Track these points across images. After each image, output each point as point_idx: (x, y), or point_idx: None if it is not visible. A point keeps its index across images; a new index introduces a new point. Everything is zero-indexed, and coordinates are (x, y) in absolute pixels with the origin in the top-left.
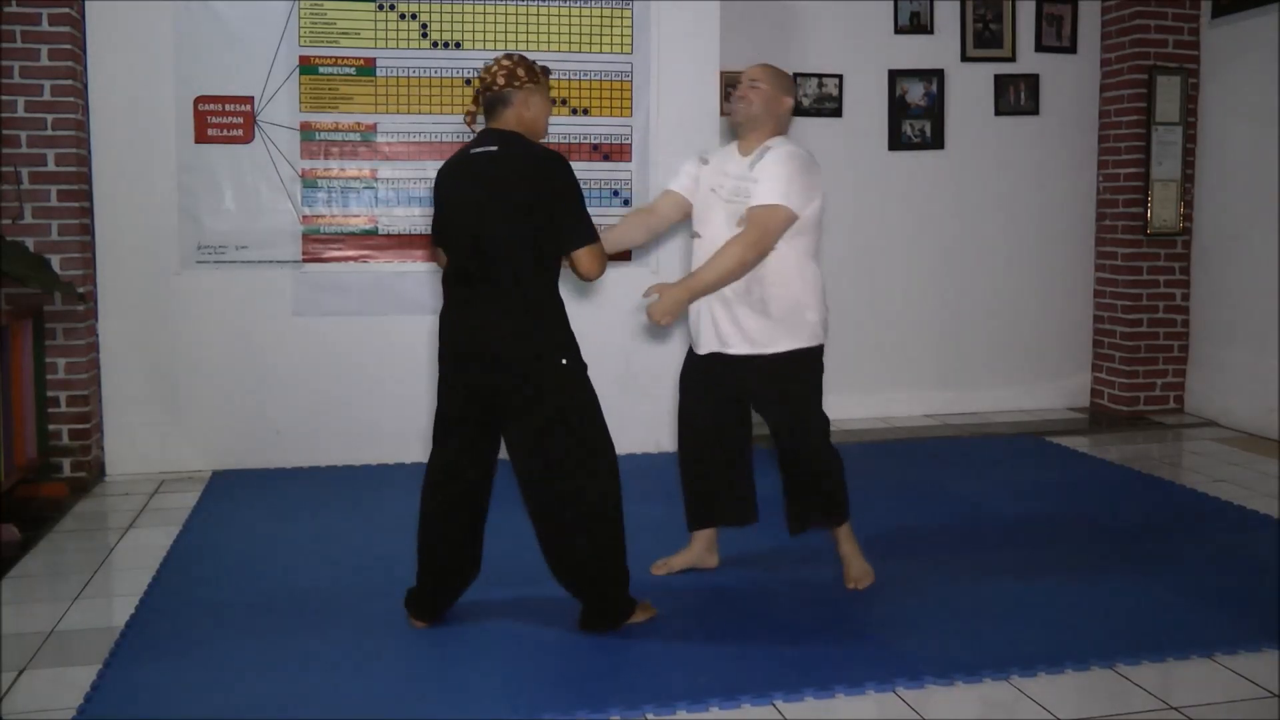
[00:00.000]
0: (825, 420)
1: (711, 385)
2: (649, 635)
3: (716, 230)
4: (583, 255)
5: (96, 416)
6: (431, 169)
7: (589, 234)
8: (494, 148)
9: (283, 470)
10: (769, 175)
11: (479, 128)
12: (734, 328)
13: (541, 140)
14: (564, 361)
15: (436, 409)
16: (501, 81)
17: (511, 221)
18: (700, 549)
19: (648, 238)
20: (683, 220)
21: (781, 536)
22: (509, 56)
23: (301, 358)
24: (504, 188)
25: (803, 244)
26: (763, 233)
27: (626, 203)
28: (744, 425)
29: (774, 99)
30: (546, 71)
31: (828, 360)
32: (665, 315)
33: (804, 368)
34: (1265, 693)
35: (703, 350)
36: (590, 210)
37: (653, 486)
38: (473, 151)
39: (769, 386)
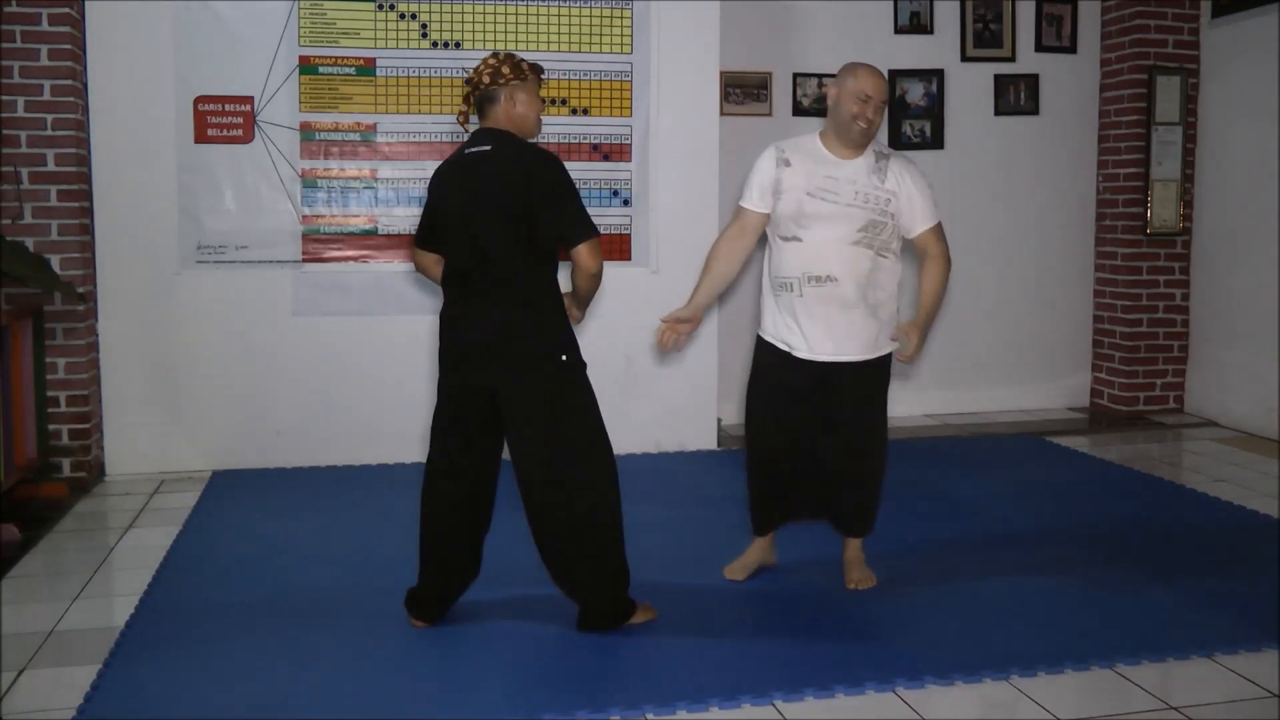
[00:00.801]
0: (887, 428)
1: (798, 388)
2: (649, 635)
3: (831, 234)
4: (583, 250)
5: (96, 416)
6: (431, 169)
7: (588, 229)
8: (487, 147)
9: (283, 470)
10: (920, 197)
11: (473, 128)
12: (850, 333)
13: (535, 138)
14: (563, 358)
15: (436, 408)
16: (487, 80)
17: (507, 221)
18: (765, 547)
19: (741, 260)
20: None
21: (778, 537)
22: (495, 55)
23: (301, 358)
24: (499, 187)
25: (898, 250)
26: (947, 250)
27: (626, 202)
28: (821, 427)
29: (883, 112)
30: (537, 69)
31: None
32: (917, 354)
33: (886, 373)
34: (1265, 693)
35: (815, 356)
36: (590, 210)
37: (653, 486)
38: (467, 152)
39: (862, 389)
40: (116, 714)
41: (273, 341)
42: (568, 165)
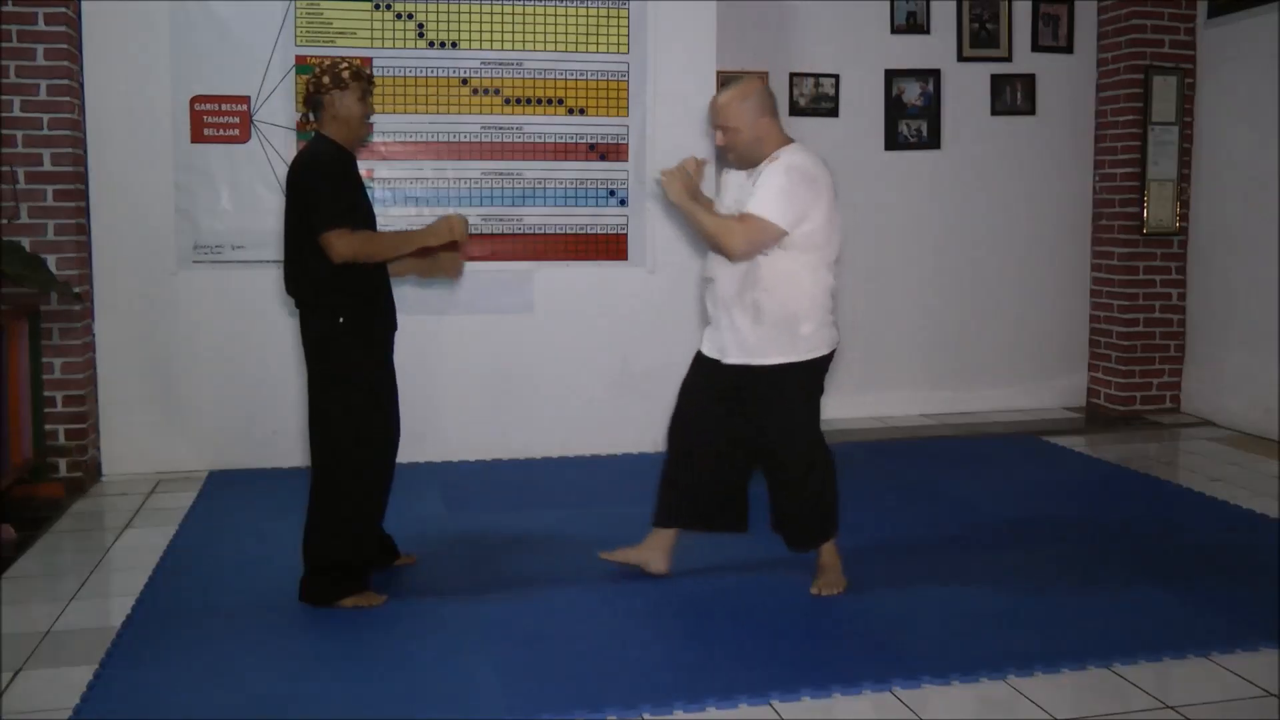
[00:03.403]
0: (818, 437)
1: (715, 389)
2: (646, 635)
3: None
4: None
5: (93, 416)
6: (428, 168)
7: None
8: None
9: (279, 470)
10: (762, 187)
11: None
12: (731, 334)
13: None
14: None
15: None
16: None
17: None
18: (654, 549)
19: None
20: None
21: (775, 537)
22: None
23: (298, 358)
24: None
25: (803, 257)
26: (749, 233)
27: (623, 202)
28: (742, 434)
29: (754, 132)
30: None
31: None
32: (669, 184)
33: (794, 382)
34: (1262, 692)
35: (706, 353)
36: (589, 210)
37: (650, 486)
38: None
39: (758, 398)
40: (113, 714)
41: (269, 341)
42: (566, 164)
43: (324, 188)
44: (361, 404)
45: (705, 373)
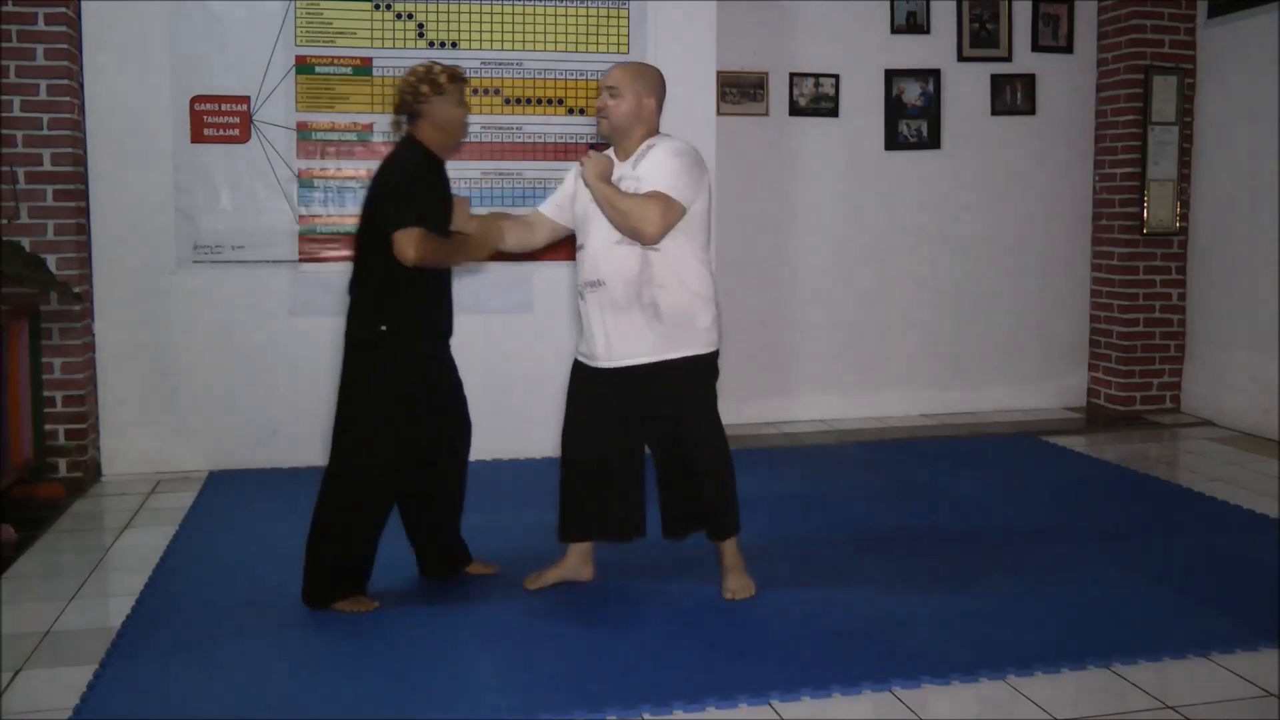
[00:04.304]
0: (720, 430)
1: (603, 397)
2: (645, 635)
3: (600, 240)
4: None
5: (93, 416)
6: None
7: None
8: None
9: (279, 470)
10: (656, 167)
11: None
12: (627, 337)
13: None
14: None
15: None
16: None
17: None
18: (575, 561)
19: (517, 247)
20: (554, 239)
21: (774, 539)
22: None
23: (298, 357)
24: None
25: (691, 247)
26: (664, 211)
27: None
28: (634, 437)
29: (636, 106)
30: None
31: (826, 360)
32: (590, 166)
33: (697, 375)
34: (1262, 692)
35: (596, 364)
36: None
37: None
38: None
39: (661, 395)
40: (113, 714)
41: (269, 341)
42: (566, 165)
43: (405, 190)
44: (385, 413)
45: (588, 383)
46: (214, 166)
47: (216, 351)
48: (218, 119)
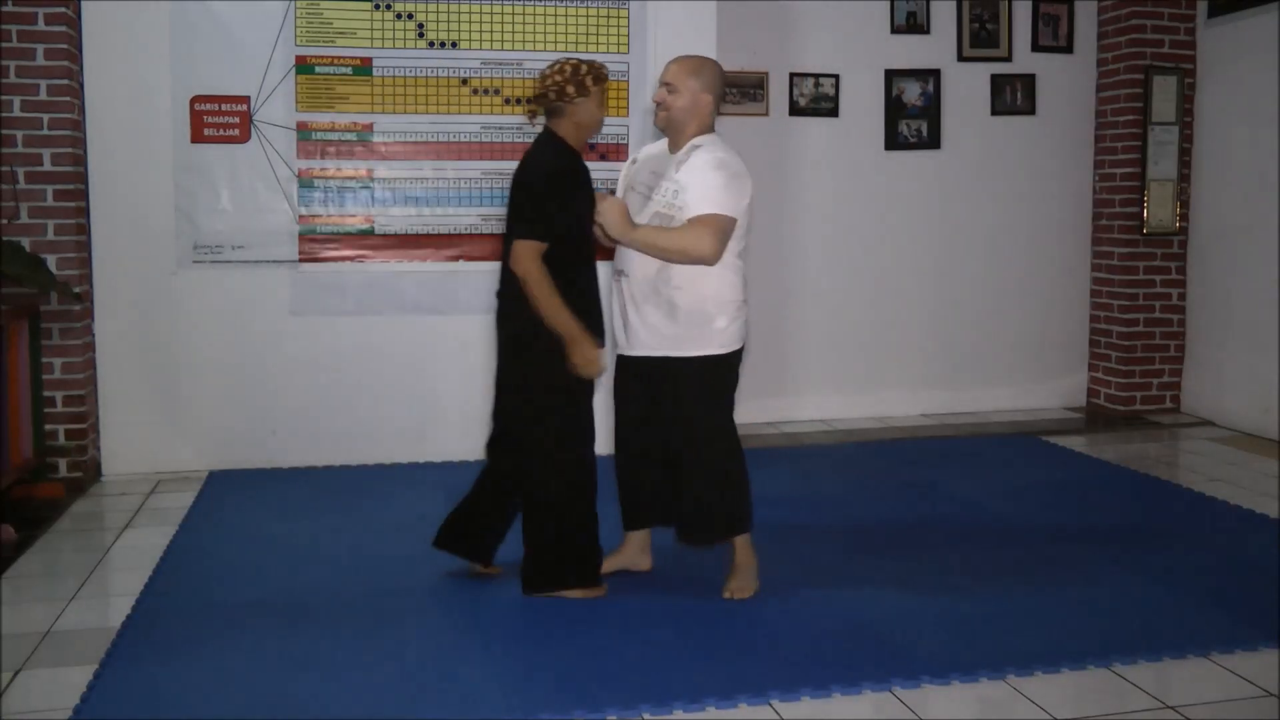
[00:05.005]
0: (730, 432)
1: (639, 386)
2: (645, 635)
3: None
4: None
5: (93, 416)
6: (428, 168)
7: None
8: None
9: (279, 470)
10: (699, 184)
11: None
12: (643, 329)
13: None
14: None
15: None
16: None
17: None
18: (634, 550)
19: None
20: None
21: (774, 539)
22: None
23: (298, 357)
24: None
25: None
26: (711, 234)
27: None
28: (658, 429)
29: (693, 102)
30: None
31: (826, 360)
32: (611, 222)
33: (709, 376)
34: (1262, 692)
35: (621, 351)
36: None
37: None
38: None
39: (672, 392)
40: (113, 714)
41: (269, 341)
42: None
43: (539, 198)
44: (559, 402)
45: (622, 372)
46: (214, 166)
47: (216, 351)
48: (218, 119)
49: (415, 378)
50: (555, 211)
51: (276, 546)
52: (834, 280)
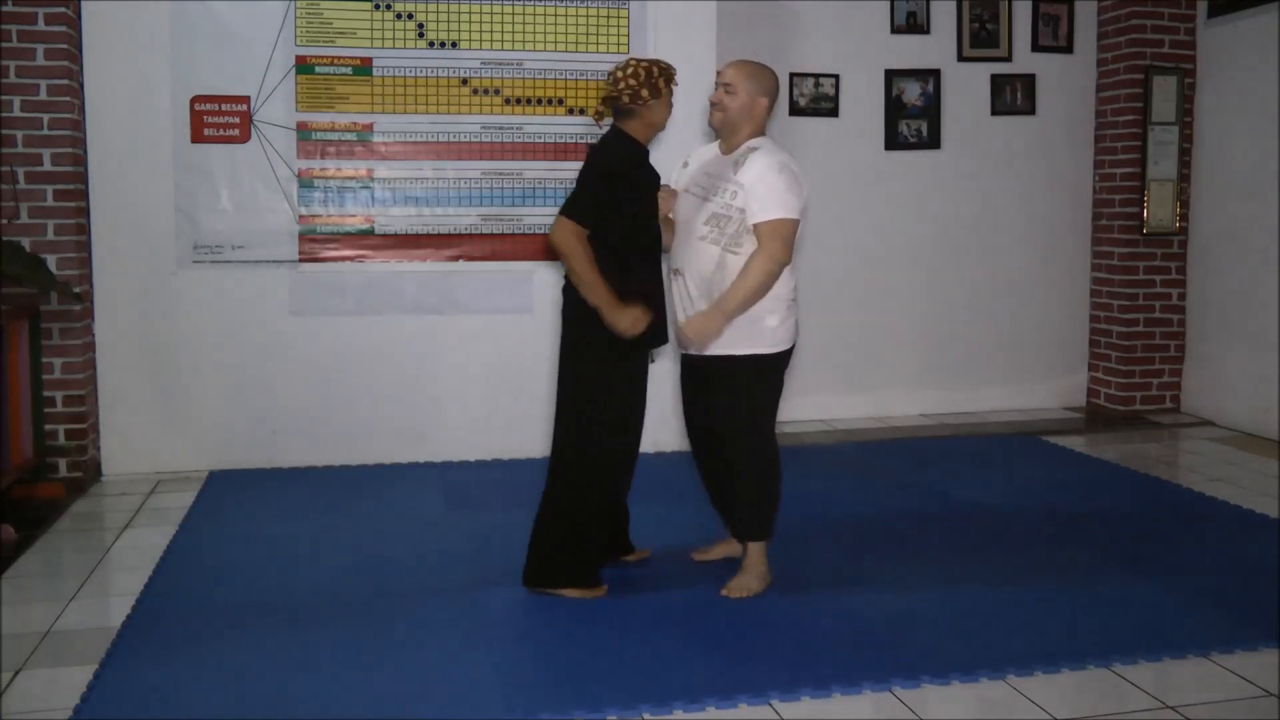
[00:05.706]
0: (768, 440)
1: (699, 384)
2: (645, 635)
3: (686, 229)
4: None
5: (93, 416)
6: (428, 168)
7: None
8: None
9: (279, 470)
10: (763, 188)
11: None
12: None
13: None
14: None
15: None
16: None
17: None
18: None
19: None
20: None
21: (774, 539)
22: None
23: (298, 357)
24: None
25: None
26: (782, 242)
27: None
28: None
29: (749, 104)
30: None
31: (826, 360)
32: (699, 338)
33: (756, 375)
34: (1262, 692)
35: (682, 350)
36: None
37: (648, 487)
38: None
39: (720, 388)
40: (113, 714)
41: (269, 341)
42: (566, 164)
43: (593, 183)
44: (614, 380)
45: (686, 372)
46: (214, 166)
47: (217, 351)
48: (218, 119)
49: (415, 378)
50: (606, 200)
51: (276, 546)
52: (834, 280)
